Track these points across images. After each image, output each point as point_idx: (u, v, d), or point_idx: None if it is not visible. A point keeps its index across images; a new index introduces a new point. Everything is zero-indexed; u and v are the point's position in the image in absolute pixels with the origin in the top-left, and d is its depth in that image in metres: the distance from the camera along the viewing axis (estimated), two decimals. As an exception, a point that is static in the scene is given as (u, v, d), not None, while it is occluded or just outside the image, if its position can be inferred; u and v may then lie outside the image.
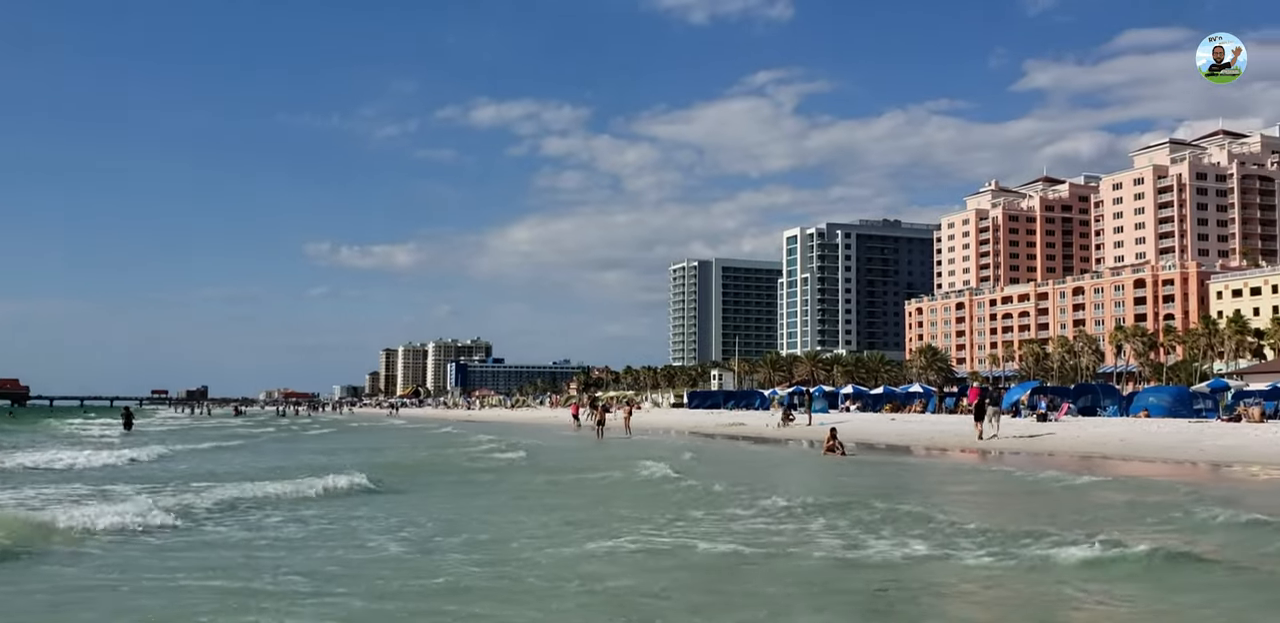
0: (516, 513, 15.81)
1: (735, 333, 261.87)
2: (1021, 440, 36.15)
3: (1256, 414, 40.26)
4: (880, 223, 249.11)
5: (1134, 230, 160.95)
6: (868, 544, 11.81)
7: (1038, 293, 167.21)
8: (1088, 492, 18.49)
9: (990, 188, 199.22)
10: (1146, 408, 46.68)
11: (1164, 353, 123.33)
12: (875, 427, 47.24)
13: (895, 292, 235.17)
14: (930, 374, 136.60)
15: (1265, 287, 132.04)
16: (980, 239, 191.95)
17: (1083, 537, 11.23)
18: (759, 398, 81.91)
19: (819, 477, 24.48)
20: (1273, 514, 13.22)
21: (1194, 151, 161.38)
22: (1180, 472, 24.91)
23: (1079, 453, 31.33)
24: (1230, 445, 29.99)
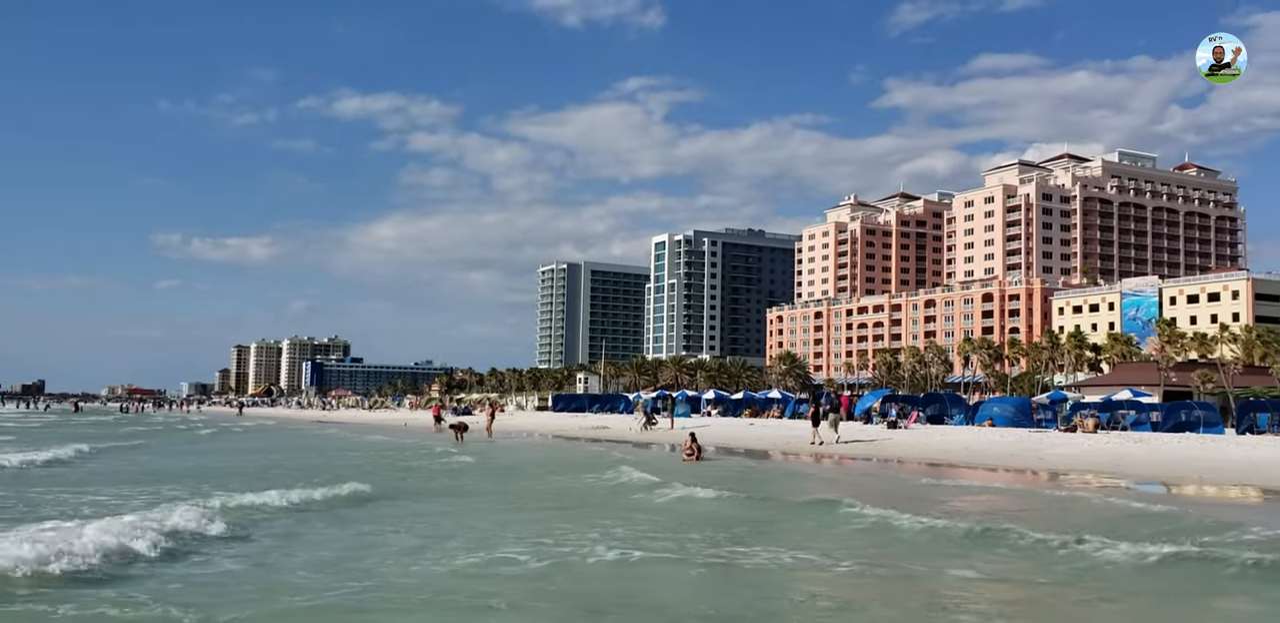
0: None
1: (603, 336, 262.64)
2: (867, 445, 37.37)
3: (1091, 425, 42.61)
4: (745, 232, 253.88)
5: (984, 247, 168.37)
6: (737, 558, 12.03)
7: (892, 304, 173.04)
8: (952, 492, 19.26)
9: (850, 202, 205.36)
10: (991, 417, 48.82)
11: (1009, 365, 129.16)
12: (735, 431, 48.12)
13: (758, 299, 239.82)
14: (789, 380, 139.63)
15: (1103, 304, 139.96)
16: (839, 251, 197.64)
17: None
18: (624, 402, 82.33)
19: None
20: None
21: (1041, 173, 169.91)
22: (1021, 480, 26.17)
23: (927, 459, 32.54)
24: (1066, 455, 31.66)
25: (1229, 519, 15.69)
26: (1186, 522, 15.29)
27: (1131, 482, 24.87)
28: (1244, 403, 47.99)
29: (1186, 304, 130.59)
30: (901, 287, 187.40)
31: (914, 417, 49.59)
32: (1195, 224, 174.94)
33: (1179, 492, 23.12)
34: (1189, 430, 41.42)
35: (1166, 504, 19.01)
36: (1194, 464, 27.21)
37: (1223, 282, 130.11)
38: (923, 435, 41.07)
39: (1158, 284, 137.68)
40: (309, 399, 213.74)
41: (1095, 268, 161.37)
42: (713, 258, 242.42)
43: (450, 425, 49.09)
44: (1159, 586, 10.73)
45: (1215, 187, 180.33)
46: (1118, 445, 33.35)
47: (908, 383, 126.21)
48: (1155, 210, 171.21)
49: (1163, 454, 30.17)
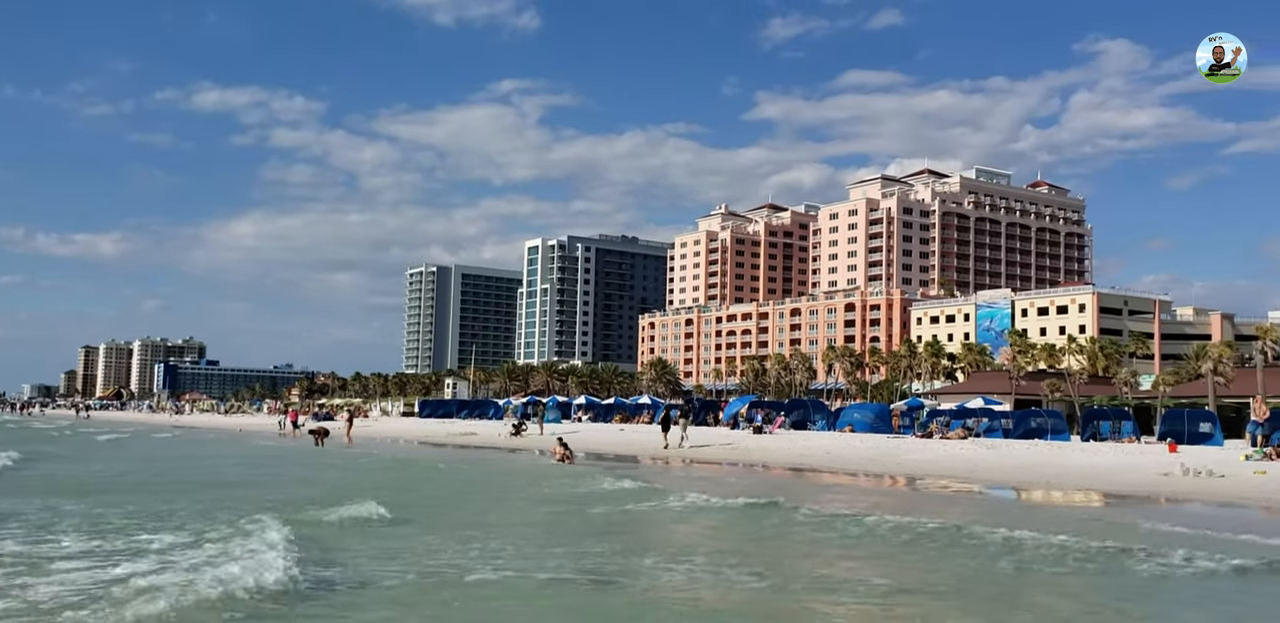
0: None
1: (472, 341, 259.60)
2: (732, 450, 37.90)
3: (958, 434, 44.04)
4: (619, 238, 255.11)
5: (847, 258, 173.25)
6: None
7: (760, 312, 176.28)
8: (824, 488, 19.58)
9: (721, 211, 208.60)
10: (851, 423, 50.01)
11: (870, 372, 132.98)
12: (605, 437, 48.10)
13: (631, 306, 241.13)
14: (660, 386, 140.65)
15: (958, 315, 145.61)
16: (710, 259, 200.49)
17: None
18: (493, 408, 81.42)
19: (543, 485, 24.56)
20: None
21: (902, 188, 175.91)
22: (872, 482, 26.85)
23: (791, 464, 33.13)
24: (923, 460, 32.65)
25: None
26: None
27: (984, 486, 25.81)
28: (1088, 411, 50.40)
29: (1037, 316, 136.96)
30: (769, 295, 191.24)
31: (778, 422, 50.45)
32: (1046, 240, 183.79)
33: (1027, 496, 24.08)
34: (1038, 437, 43.24)
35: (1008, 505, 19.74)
36: (1042, 470, 28.40)
37: (1070, 295, 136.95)
38: (786, 441, 41.80)
39: (1010, 297, 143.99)
40: (161, 403, 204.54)
41: (952, 280, 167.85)
42: (586, 263, 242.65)
43: (310, 431, 47.63)
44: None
45: (1065, 204, 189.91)
46: (971, 452, 34.55)
47: (774, 389, 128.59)
48: (1009, 226, 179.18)
49: (1013, 460, 31.40)
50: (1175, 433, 39.55)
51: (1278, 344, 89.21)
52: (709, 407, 65.55)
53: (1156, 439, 40.00)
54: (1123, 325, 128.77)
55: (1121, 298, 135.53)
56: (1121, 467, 28.15)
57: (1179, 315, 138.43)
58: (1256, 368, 72.82)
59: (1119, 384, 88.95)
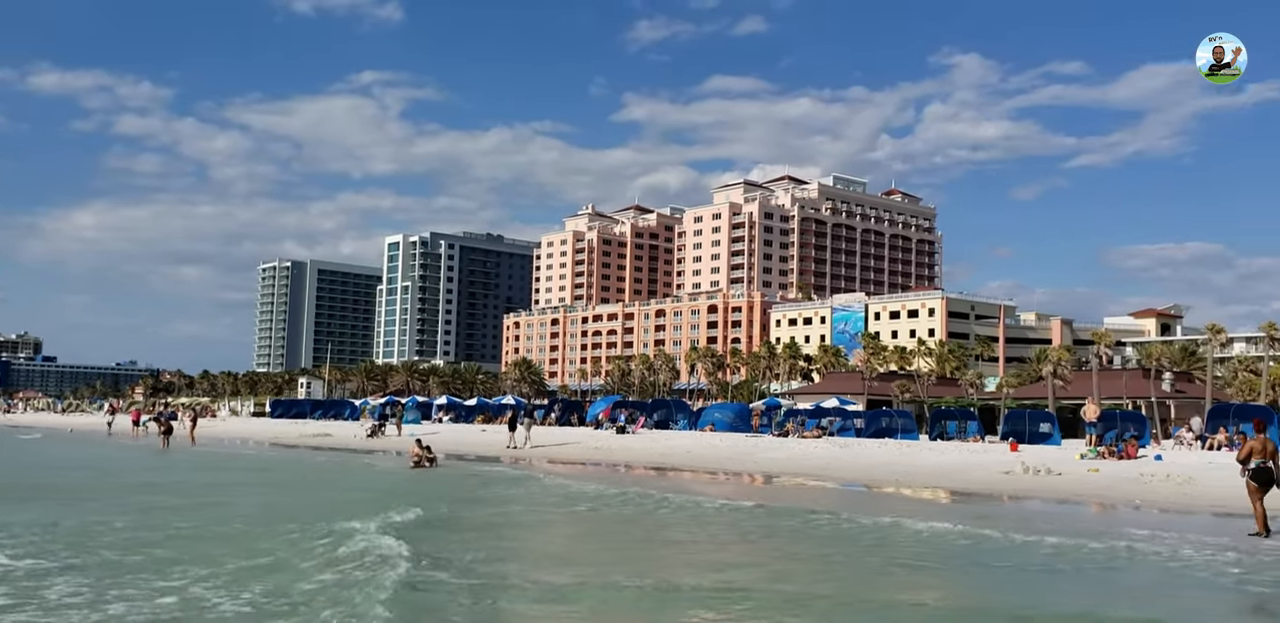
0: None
1: (329, 339, 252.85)
2: (594, 450, 37.89)
3: (813, 434, 45.06)
4: (484, 236, 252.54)
5: (710, 260, 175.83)
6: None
7: (625, 313, 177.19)
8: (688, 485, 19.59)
9: (587, 211, 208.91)
10: (713, 423, 50.70)
11: (730, 373, 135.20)
12: (467, 437, 47.40)
13: (495, 305, 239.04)
14: (524, 387, 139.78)
15: (815, 317, 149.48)
16: (576, 259, 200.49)
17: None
18: (349, 408, 79.31)
19: (401, 486, 24.00)
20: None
21: (764, 193, 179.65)
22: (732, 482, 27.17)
23: (653, 463, 33.27)
24: (779, 459, 33.26)
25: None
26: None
27: (837, 483, 26.43)
28: (936, 412, 52.30)
29: (889, 319, 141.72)
30: (635, 296, 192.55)
31: (641, 422, 50.73)
32: (899, 246, 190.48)
33: (878, 492, 24.75)
34: (888, 436, 44.66)
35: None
36: (892, 468, 29.28)
37: (921, 300, 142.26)
38: (649, 440, 42.03)
39: (865, 300, 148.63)
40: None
41: (810, 284, 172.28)
42: (449, 261, 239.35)
43: (164, 430, 45.52)
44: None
45: (917, 212, 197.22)
46: (825, 450, 35.39)
47: (638, 389, 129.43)
48: (864, 232, 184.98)
49: (865, 459, 32.28)
50: (1017, 433, 41.37)
51: (1112, 349, 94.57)
52: (573, 407, 65.43)
53: (1000, 439, 41.76)
54: (969, 329, 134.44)
55: (969, 303, 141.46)
56: (967, 465, 29.24)
57: (1022, 320, 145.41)
58: (1092, 371, 76.94)
59: (965, 386, 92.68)
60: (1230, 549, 13.96)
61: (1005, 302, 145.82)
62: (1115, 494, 22.09)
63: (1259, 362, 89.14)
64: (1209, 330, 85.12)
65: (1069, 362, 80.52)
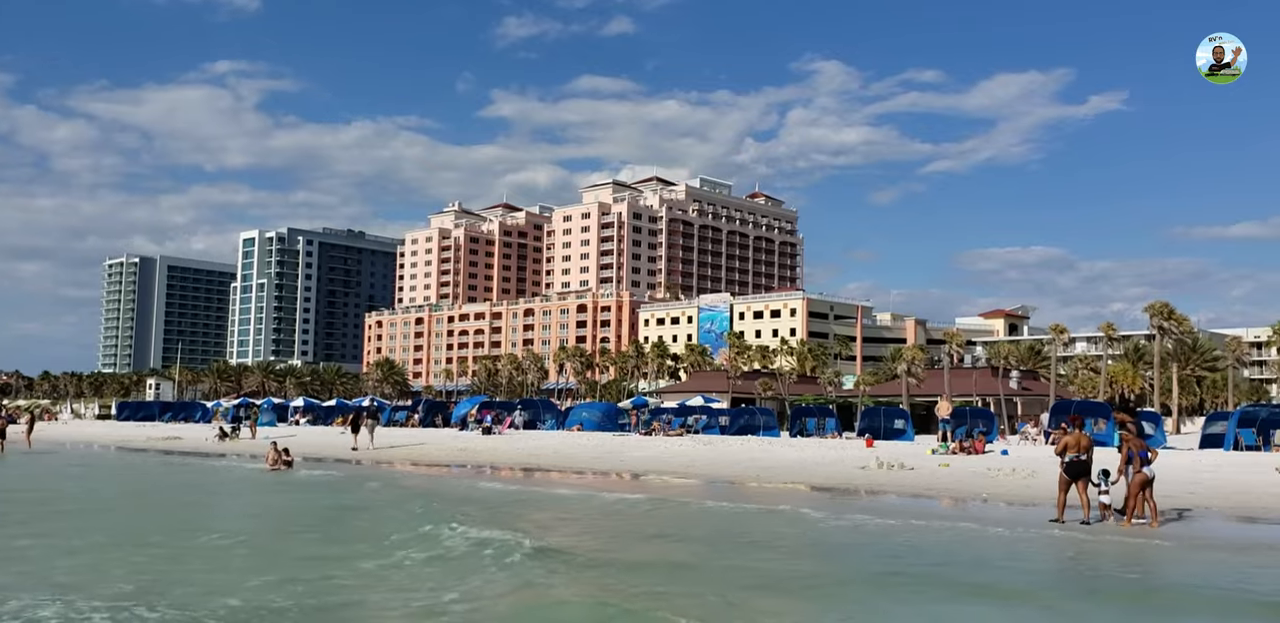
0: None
1: (179, 339, 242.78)
2: (460, 452, 37.40)
3: (679, 432, 45.45)
4: (345, 233, 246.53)
5: (579, 260, 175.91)
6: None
7: (493, 312, 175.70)
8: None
9: (454, 208, 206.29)
10: (580, 422, 50.65)
11: (599, 372, 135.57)
12: (325, 440, 46.07)
13: (357, 303, 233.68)
14: (386, 387, 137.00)
15: (682, 317, 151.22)
16: (442, 257, 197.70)
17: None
18: (201, 410, 76.30)
19: (261, 493, 23.15)
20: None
21: (632, 194, 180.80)
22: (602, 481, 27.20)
23: (520, 464, 33.01)
24: (644, 457, 33.46)
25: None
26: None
27: (702, 481, 26.71)
28: (796, 409, 53.46)
29: (753, 319, 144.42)
30: (503, 295, 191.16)
31: (508, 422, 50.30)
32: (763, 248, 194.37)
33: (740, 488, 25.11)
34: (751, 433, 45.45)
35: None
36: (753, 464, 29.77)
37: (783, 300, 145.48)
38: (515, 440, 41.73)
39: (730, 301, 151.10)
40: None
41: (678, 284, 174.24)
42: (308, 258, 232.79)
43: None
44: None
45: (780, 215, 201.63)
46: (690, 448, 35.76)
47: (506, 389, 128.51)
48: (730, 233, 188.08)
49: (728, 456, 32.73)
50: (873, 429, 42.67)
51: (963, 348, 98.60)
52: (437, 408, 64.41)
53: (856, 435, 42.98)
54: (829, 329, 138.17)
55: (828, 304, 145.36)
56: (825, 461, 29.97)
57: (879, 320, 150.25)
58: (944, 369, 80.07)
59: (825, 383, 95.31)
60: (1016, 528, 14.66)
61: (863, 302, 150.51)
62: (964, 488, 22.95)
63: (1098, 360, 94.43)
64: (1053, 331, 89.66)
65: (922, 360, 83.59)
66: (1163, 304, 75.41)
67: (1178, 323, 76.21)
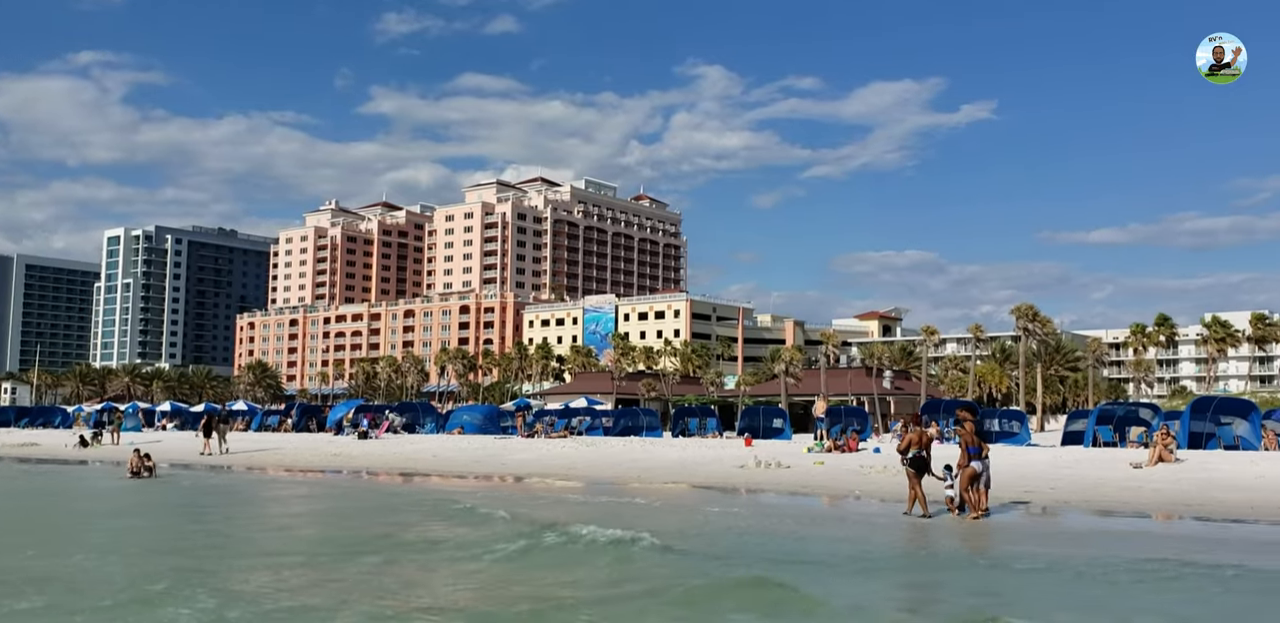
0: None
1: (38, 341, 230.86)
2: (331, 458, 36.51)
3: (561, 434, 45.23)
4: (216, 231, 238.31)
5: (462, 260, 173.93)
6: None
7: (371, 313, 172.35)
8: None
9: (331, 207, 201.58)
10: (461, 425, 50.00)
11: (482, 374, 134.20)
12: (192, 445, 44.33)
13: (228, 304, 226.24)
14: (259, 391, 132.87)
15: (567, 319, 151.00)
16: (318, 257, 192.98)
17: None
18: (60, 415, 72.63)
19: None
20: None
21: (517, 194, 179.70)
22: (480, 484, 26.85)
23: (398, 469, 32.36)
24: (526, 460, 33.20)
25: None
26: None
27: (584, 482, 26.62)
28: (679, 409, 53.85)
29: (638, 321, 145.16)
30: (382, 296, 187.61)
31: (385, 426, 49.29)
32: (647, 250, 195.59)
33: (621, 488, 25.10)
34: (635, 434, 45.59)
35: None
36: (635, 465, 29.83)
37: (667, 302, 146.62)
38: (393, 445, 40.94)
39: (615, 302, 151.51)
40: None
41: (563, 285, 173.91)
42: (177, 257, 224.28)
43: None
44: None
45: (664, 217, 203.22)
46: (573, 450, 35.64)
47: (384, 392, 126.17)
48: (615, 235, 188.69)
49: (611, 457, 32.73)
50: (752, 428, 43.24)
51: (839, 349, 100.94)
52: (312, 412, 62.72)
53: (737, 434, 43.50)
54: (712, 330, 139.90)
55: (711, 305, 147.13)
56: (705, 460, 30.22)
57: (759, 322, 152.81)
58: (821, 369, 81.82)
59: (707, 384, 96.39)
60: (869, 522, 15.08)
61: (744, 304, 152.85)
62: (838, 485, 23.40)
63: (967, 360, 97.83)
64: (924, 332, 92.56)
65: (800, 361, 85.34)
66: (1028, 307, 78.59)
67: (1042, 325, 79.53)
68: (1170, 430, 27.32)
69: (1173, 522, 17.40)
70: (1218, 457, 26.36)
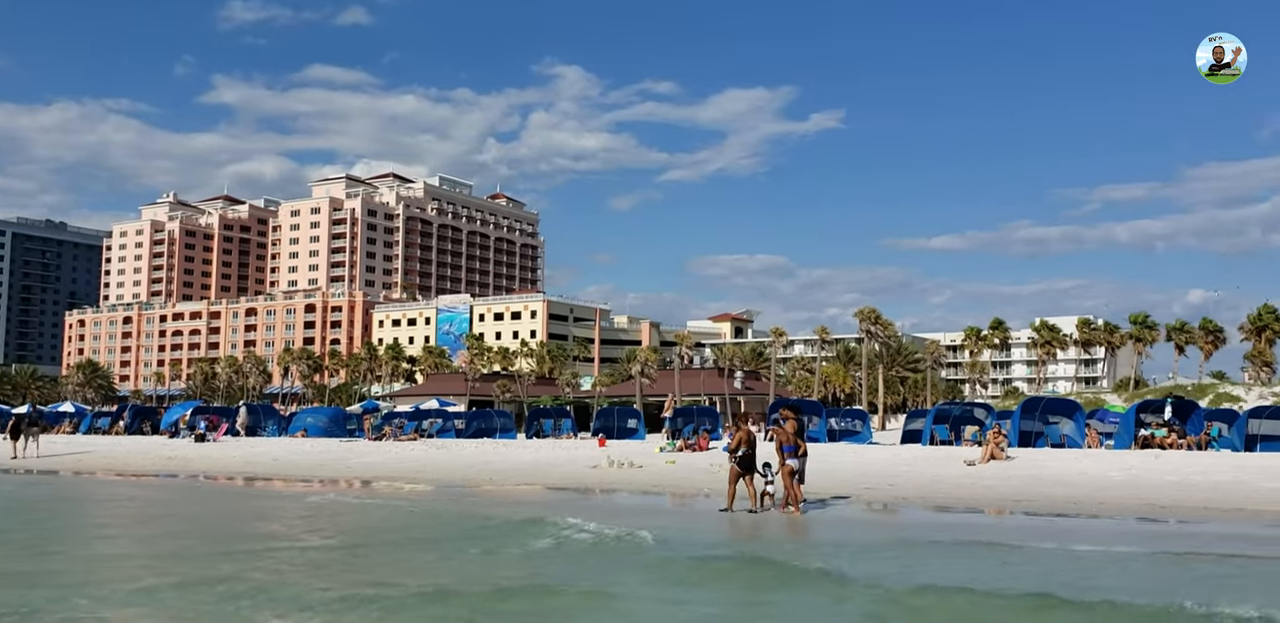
0: None
1: None
2: (168, 461, 34.87)
3: (411, 437, 44.21)
4: (43, 223, 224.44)
5: (309, 257, 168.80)
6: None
7: (211, 311, 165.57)
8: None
9: (169, 199, 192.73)
10: (305, 428, 48.45)
11: (329, 376, 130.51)
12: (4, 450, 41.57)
13: (56, 301, 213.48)
14: (89, 392, 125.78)
15: (420, 319, 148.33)
16: (155, 252, 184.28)
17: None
18: None
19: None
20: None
21: (367, 189, 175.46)
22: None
23: (240, 473, 31.13)
24: (373, 462, 32.35)
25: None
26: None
27: (434, 485, 26.08)
28: (534, 410, 53.55)
29: (494, 321, 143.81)
30: (222, 293, 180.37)
31: (223, 429, 47.26)
32: (504, 249, 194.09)
33: (479, 491, 24.70)
34: (488, 436, 45.03)
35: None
36: (486, 467, 29.45)
37: (524, 302, 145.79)
38: (232, 448, 39.33)
39: (470, 302, 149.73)
40: None
41: (415, 284, 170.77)
42: (0, 250, 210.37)
43: None
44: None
45: (521, 217, 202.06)
46: (422, 452, 34.95)
47: (224, 394, 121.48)
48: (470, 234, 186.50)
49: (462, 459, 32.22)
50: (607, 429, 43.36)
51: (692, 350, 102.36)
52: (146, 414, 59.63)
53: (591, 435, 43.50)
54: (569, 331, 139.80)
55: (568, 306, 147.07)
56: (559, 461, 30.08)
57: (616, 323, 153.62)
58: (675, 370, 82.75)
59: (563, 385, 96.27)
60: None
61: (602, 305, 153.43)
62: (688, 484, 23.59)
63: (814, 361, 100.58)
64: (773, 334, 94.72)
65: (655, 362, 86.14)
66: (870, 310, 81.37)
67: (884, 327, 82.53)
68: (1002, 429, 28.58)
69: (1004, 516, 18.15)
70: (1045, 454, 27.72)
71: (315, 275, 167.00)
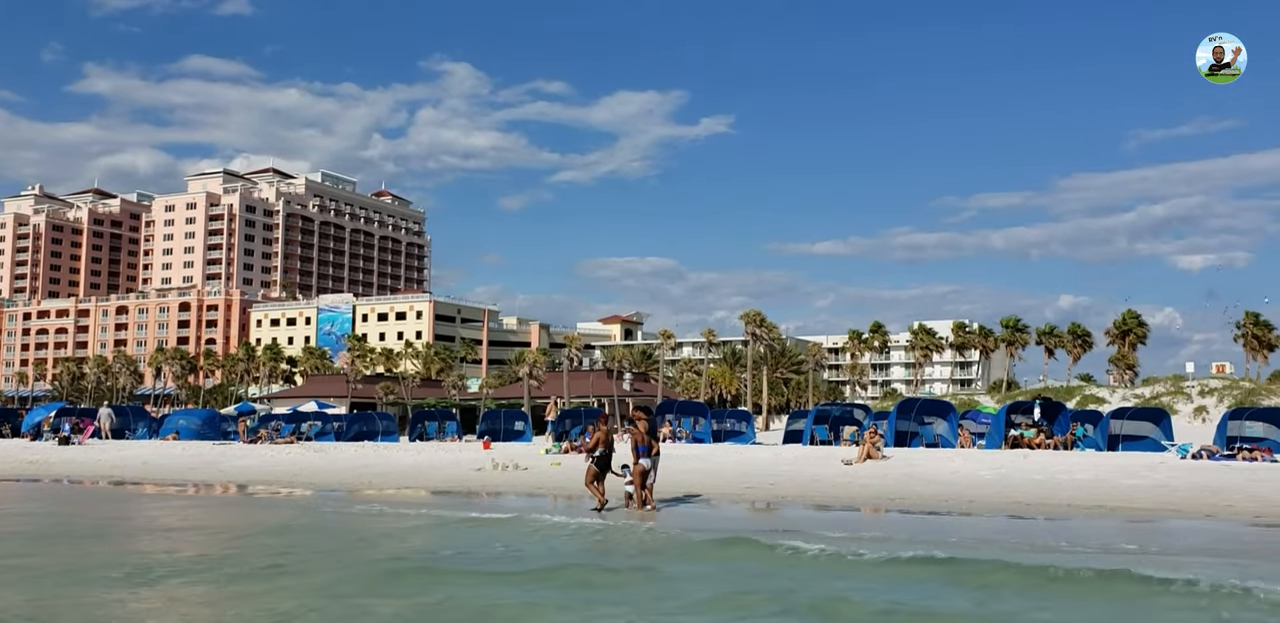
0: None
1: None
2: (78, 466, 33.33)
3: (288, 440, 43.07)
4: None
5: (184, 254, 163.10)
6: None
7: (79, 309, 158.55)
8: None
9: (34, 192, 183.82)
10: (177, 430, 46.86)
11: (204, 376, 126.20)
12: None
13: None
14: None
15: (300, 318, 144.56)
16: (18, 247, 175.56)
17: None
18: None
19: None
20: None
21: (246, 185, 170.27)
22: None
23: (108, 476, 29.99)
24: (247, 466, 31.48)
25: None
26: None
27: (312, 489, 25.47)
28: (418, 413, 52.77)
29: (378, 321, 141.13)
30: (91, 291, 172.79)
31: (89, 431, 45.29)
32: (389, 248, 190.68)
33: (359, 495, 24.21)
34: (369, 439, 44.14)
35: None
36: (366, 470, 28.90)
37: (409, 302, 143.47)
38: (97, 451, 37.79)
39: (352, 302, 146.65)
40: None
41: (295, 283, 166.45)
42: None
43: None
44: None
45: (407, 215, 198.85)
46: (299, 456, 34.12)
47: (92, 395, 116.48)
48: (354, 232, 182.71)
49: (340, 462, 31.54)
50: (493, 431, 42.99)
51: (582, 351, 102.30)
52: (7, 415, 56.77)
53: (477, 437, 43.06)
54: (456, 332, 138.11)
55: (456, 307, 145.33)
56: (442, 463, 29.69)
57: (505, 324, 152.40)
58: (563, 372, 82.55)
59: (449, 387, 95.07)
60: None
61: (490, 306, 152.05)
62: (572, 485, 23.53)
63: (701, 363, 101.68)
64: (662, 336, 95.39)
65: (544, 363, 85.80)
66: (755, 313, 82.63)
67: (769, 330, 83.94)
68: (879, 429, 29.34)
69: (879, 514, 18.63)
70: (920, 454, 28.56)
71: (191, 273, 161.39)
